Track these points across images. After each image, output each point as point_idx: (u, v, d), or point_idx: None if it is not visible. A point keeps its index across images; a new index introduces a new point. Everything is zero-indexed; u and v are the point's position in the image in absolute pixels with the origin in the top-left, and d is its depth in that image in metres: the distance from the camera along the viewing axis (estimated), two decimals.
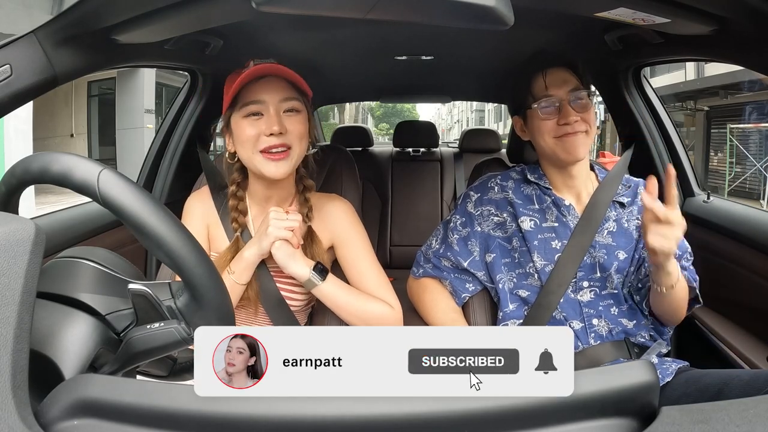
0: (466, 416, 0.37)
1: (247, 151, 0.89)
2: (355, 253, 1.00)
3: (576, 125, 0.96)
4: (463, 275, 1.05)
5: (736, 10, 0.73)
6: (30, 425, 0.35)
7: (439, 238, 1.09)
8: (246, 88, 0.89)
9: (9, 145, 6.10)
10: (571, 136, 0.96)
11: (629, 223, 1.03)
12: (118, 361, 0.48)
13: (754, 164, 9.15)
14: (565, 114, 0.96)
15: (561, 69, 0.99)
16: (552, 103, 0.98)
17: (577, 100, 0.97)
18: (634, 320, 0.97)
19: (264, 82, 0.89)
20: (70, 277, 0.49)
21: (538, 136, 1.00)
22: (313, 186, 1.01)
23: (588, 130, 0.97)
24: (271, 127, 0.86)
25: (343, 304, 0.94)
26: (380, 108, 33.54)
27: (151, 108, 9.82)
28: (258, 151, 0.88)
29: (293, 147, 0.89)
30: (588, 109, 0.98)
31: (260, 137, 0.88)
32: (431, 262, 1.08)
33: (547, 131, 0.98)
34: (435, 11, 0.63)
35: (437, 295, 1.07)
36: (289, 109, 0.90)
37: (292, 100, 0.90)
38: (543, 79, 0.99)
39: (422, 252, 1.11)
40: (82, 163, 0.47)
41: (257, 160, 0.88)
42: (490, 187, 1.07)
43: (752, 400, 0.39)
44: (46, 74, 0.73)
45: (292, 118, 0.90)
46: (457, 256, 1.04)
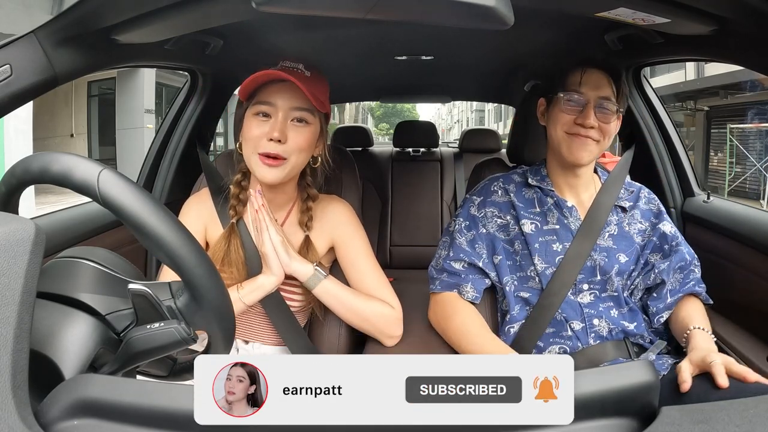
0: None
1: (248, 149, 0.90)
2: (355, 254, 1.00)
3: (591, 131, 0.95)
4: (478, 274, 1.02)
5: (736, 10, 0.72)
6: (30, 425, 0.35)
7: (447, 245, 1.06)
8: (263, 87, 0.89)
9: (9, 145, 6.10)
10: (581, 138, 0.96)
11: (630, 227, 1.03)
12: (118, 361, 0.48)
13: (754, 164, 9.15)
14: (586, 115, 0.95)
15: (603, 73, 0.98)
16: (578, 101, 0.97)
17: (603, 109, 0.96)
18: (635, 322, 0.97)
19: (281, 85, 0.89)
20: (70, 277, 0.49)
21: (553, 125, 1.00)
22: (317, 196, 1.00)
23: (600, 141, 0.97)
24: (272, 133, 0.87)
25: (345, 302, 0.95)
26: (380, 108, 33.56)
27: (151, 108, 9.81)
28: (257, 152, 0.88)
29: (290, 158, 0.89)
30: (609, 121, 0.97)
31: (261, 139, 0.88)
32: (445, 270, 1.04)
33: (562, 124, 0.98)
34: (435, 11, 0.63)
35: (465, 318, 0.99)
36: (298, 118, 0.90)
37: (303, 110, 0.90)
38: (580, 75, 0.98)
39: (433, 267, 1.07)
40: (82, 163, 0.46)
41: (253, 160, 0.89)
42: (493, 191, 1.07)
43: (752, 400, 0.39)
44: (46, 74, 0.73)
45: (298, 129, 0.90)
46: (471, 256, 1.02)
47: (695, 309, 0.98)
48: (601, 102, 0.96)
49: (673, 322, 0.98)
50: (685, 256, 1.01)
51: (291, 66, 0.90)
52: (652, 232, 1.03)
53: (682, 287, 0.99)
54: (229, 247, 0.95)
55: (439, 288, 1.04)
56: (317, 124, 0.92)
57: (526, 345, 0.97)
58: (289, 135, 0.88)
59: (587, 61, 1.00)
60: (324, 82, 0.94)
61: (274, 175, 0.88)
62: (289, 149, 0.88)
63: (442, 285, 1.03)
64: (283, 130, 0.87)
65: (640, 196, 1.07)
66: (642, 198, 1.07)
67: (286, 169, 0.89)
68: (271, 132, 0.87)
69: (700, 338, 0.87)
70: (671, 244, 1.02)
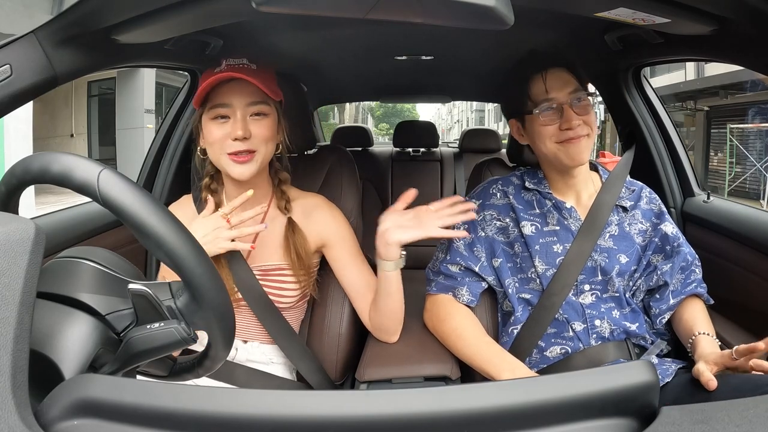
0: (466, 416, 0.37)
1: (215, 152, 0.91)
2: (349, 252, 1.01)
3: (578, 129, 0.94)
4: (474, 278, 1.02)
5: (736, 10, 0.72)
6: (30, 425, 0.35)
7: (444, 248, 1.05)
8: (215, 90, 0.91)
9: (9, 145, 6.10)
10: (575, 141, 0.95)
11: (631, 228, 1.02)
12: (118, 361, 0.48)
13: (754, 164, 9.15)
14: (567, 118, 0.94)
15: (559, 69, 0.97)
16: (553, 107, 0.95)
17: (578, 102, 0.95)
18: (637, 322, 0.97)
19: (233, 84, 0.90)
20: (70, 277, 0.49)
21: (539, 141, 0.98)
22: (288, 179, 1.02)
23: (590, 134, 0.96)
24: (236, 132, 0.88)
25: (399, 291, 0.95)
26: (380, 108, 33.56)
27: (151, 108, 9.82)
28: (225, 153, 0.90)
29: (258, 150, 0.91)
30: (589, 110, 0.96)
31: (226, 140, 0.89)
32: (441, 272, 1.03)
33: (549, 136, 0.96)
34: (435, 11, 0.63)
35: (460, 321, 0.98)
36: (256, 113, 0.91)
37: (259, 104, 0.91)
38: (543, 82, 0.96)
39: (430, 268, 1.07)
40: (82, 163, 0.46)
41: (224, 160, 0.91)
42: (492, 193, 1.06)
43: (752, 400, 0.39)
44: (46, 74, 0.73)
45: (258, 122, 0.91)
46: (467, 260, 1.01)
47: (698, 311, 0.98)
48: (573, 97, 0.95)
49: (677, 324, 0.98)
50: (686, 256, 1.01)
51: (236, 63, 0.91)
52: (654, 232, 1.03)
53: (685, 288, 0.99)
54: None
55: (434, 290, 1.04)
56: (274, 113, 0.94)
57: (527, 345, 0.97)
58: (251, 130, 0.90)
59: (538, 63, 0.98)
60: (271, 71, 0.95)
61: (249, 169, 0.90)
62: (256, 142, 0.90)
63: (438, 287, 1.03)
64: (245, 127, 0.89)
65: (642, 196, 1.07)
66: (643, 198, 1.07)
67: (258, 161, 0.91)
68: (234, 132, 0.88)
69: (706, 344, 0.88)
70: (673, 245, 1.02)
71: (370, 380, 0.91)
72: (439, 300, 1.03)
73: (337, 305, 1.05)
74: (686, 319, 0.96)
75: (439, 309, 1.02)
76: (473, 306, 1.02)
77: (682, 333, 0.96)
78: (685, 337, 0.94)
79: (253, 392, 0.39)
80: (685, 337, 0.93)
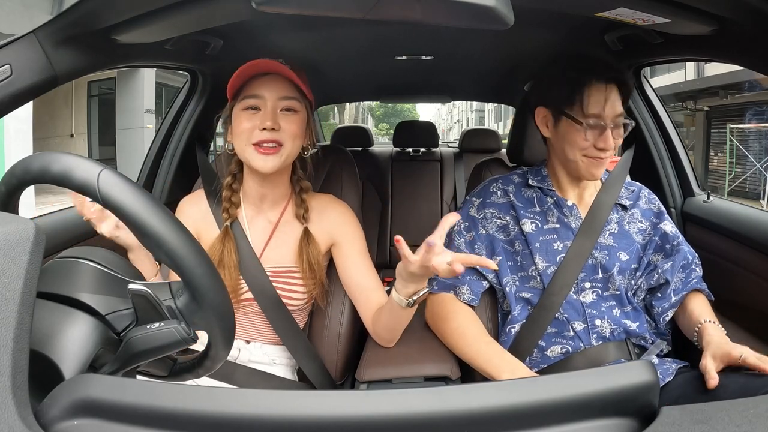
0: (466, 416, 0.37)
1: (241, 143, 0.91)
2: (357, 253, 1.01)
3: (609, 151, 0.95)
4: (476, 276, 1.02)
5: (736, 10, 0.72)
6: (30, 425, 0.35)
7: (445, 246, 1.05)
8: (249, 83, 0.91)
9: (9, 145, 6.10)
10: (601, 161, 0.96)
11: (630, 226, 1.03)
12: (118, 361, 0.48)
13: (754, 164, 9.15)
14: (605, 139, 0.94)
15: (614, 86, 0.95)
16: (600, 126, 0.94)
17: (618, 128, 0.96)
18: (637, 321, 0.97)
19: (266, 78, 0.91)
20: (70, 277, 0.49)
21: (568, 146, 0.98)
22: (310, 188, 1.02)
23: (611, 152, 0.97)
24: (265, 122, 0.88)
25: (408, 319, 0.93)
26: (380, 108, 33.57)
27: (151, 108, 9.82)
28: (251, 143, 0.90)
29: (285, 144, 0.90)
30: (621, 135, 0.97)
31: (254, 131, 0.89)
32: None
33: (580, 148, 0.96)
34: (435, 11, 0.63)
35: (461, 321, 0.98)
36: (287, 107, 0.92)
37: (290, 99, 0.92)
38: (604, 95, 0.94)
39: None
40: (82, 163, 0.46)
41: (248, 152, 0.90)
42: (493, 192, 1.07)
43: (752, 400, 0.39)
44: (46, 74, 0.73)
45: (288, 117, 0.91)
46: None
47: (701, 303, 0.98)
48: (617, 120, 0.95)
49: (681, 317, 0.98)
50: (686, 255, 1.02)
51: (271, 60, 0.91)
52: (653, 231, 1.03)
53: (686, 285, 0.99)
54: (223, 251, 0.95)
55: (436, 288, 1.03)
56: (304, 111, 0.94)
57: (527, 345, 0.97)
58: (280, 123, 0.90)
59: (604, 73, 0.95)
60: (303, 73, 0.96)
61: (272, 163, 0.90)
62: (284, 136, 0.90)
63: (439, 286, 1.03)
64: (275, 119, 0.89)
65: (641, 196, 1.08)
66: (642, 198, 1.08)
67: (282, 156, 0.91)
68: (263, 122, 0.89)
69: (713, 331, 0.88)
70: (672, 244, 1.02)
71: (370, 380, 0.91)
72: (441, 298, 1.03)
73: (338, 306, 1.05)
74: (690, 309, 0.96)
75: (441, 308, 1.02)
76: (474, 305, 1.02)
77: (686, 324, 0.96)
78: (689, 328, 0.93)
79: (253, 392, 0.39)
80: (690, 327, 0.93)
